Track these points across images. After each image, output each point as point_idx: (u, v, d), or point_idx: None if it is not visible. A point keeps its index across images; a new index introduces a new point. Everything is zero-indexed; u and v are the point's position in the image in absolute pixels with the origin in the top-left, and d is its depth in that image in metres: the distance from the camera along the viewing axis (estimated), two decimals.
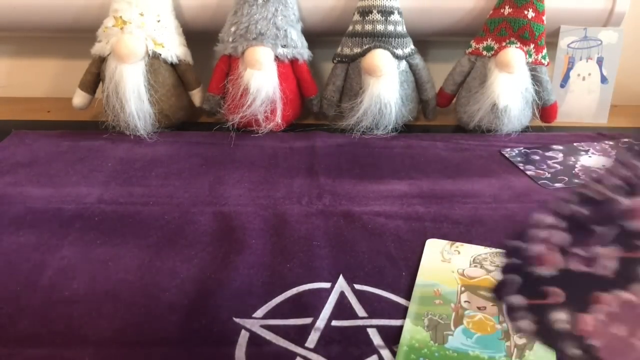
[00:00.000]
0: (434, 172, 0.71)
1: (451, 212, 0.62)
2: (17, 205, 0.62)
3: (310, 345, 0.43)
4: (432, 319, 0.46)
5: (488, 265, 0.52)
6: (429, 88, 0.87)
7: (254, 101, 0.78)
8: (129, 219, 0.59)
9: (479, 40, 0.84)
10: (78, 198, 0.63)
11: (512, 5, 0.81)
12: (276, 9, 0.80)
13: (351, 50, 0.83)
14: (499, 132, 0.83)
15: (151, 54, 0.79)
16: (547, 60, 0.83)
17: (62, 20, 0.88)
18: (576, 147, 0.80)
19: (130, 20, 0.78)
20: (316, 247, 0.55)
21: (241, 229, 0.58)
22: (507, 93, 0.79)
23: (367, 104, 0.79)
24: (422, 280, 0.50)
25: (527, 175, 0.71)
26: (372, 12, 0.81)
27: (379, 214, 0.61)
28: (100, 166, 0.71)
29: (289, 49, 0.81)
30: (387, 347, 0.43)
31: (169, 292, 0.49)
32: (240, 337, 0.44)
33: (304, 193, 0.65)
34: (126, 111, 0.76)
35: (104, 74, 0.79)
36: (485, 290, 0.49)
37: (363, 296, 0.48)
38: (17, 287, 0.49)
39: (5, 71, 1.02)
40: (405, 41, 0.83)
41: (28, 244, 0.55)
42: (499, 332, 0.44)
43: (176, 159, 0.74)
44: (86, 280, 0.50)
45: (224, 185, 0.67)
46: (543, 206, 0.30)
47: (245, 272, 0.51)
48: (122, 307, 0.47)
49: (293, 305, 0.47)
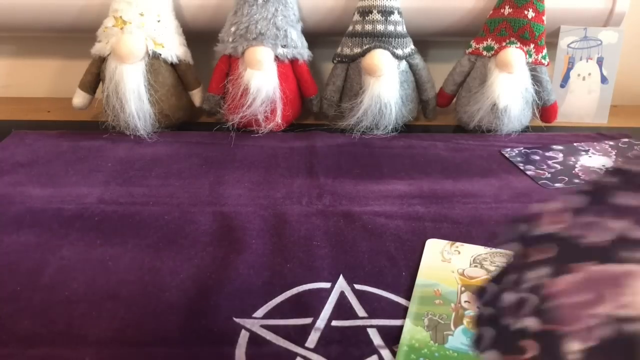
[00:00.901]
0: (434, 172, 0.71)
1: (451, 212, 0.62)
2: (17, 205, 0.62)
3: (310, 345, 0.43)
4: (432, 319, 0.46)
5: (488, 265, 0.52)
6: (429, 88, 0.87)
7: (254, 101, 0.78)
8: (129, 219, 0.59)
9: (479, 40, 0.84)
10: (78, 198, 0.63)
11: (512, 5, 0.81)
12: (276, 9, 0.80)
13: (351, 50, 0.83)
14: (499, 132, 0.83)
15: (151, 54, 0.79)
16: (547, 60, 0.83)
17: (62, 20, 0.87)
18: (576, 147, 0.80)
19: (130, 20, 0.78)
20: (316, 247, 0.55)
21: (241, 229, 0.58)
22: (507, 93, 0.79)
23: (367, 104, 0.79)
24: (422, 280, 0.50)
25: (527, 175, 0.71)
26: (372, 12, 0.81)
27: (379, 214, 0.61)
28: (100, 166, 0.71)
29: (289, 49, 0.81)
30: (387, 347, 0.43)
31: (169, 292, 0.49)
32: (240, 337, 0.44)
33: (304, 193, 0.65)
34: (126, 111, 0.76)
35: (104, 74, 0.79)
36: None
37: (363, 296, 0.48)
38: (17, 287, 0.49)
39: (5, 71, 1.02)
40: (405, 41, 0.83)
41: (28, 244, 0.55)
42: None
43: (176, 159, 0.74)
44: (86, 280, 0.50)
45: (224, 185, 0.67)
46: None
47: (245, 272, 0.51)
48: (122, 307, 0.47)
49: (293, 305, 0.47)
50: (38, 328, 0.44)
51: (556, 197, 0.29)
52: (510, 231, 0.30)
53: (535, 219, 0.29)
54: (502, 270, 0.31)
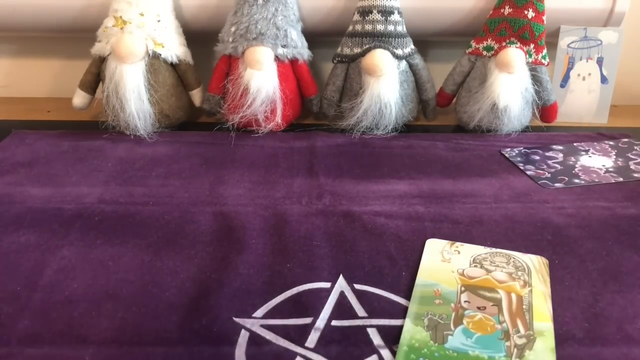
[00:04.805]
0: (434, 172, 0.71)
1: (451, 212, 0.62)
2: (17, 205, 0.62)
3: (310, 345, 0.43)
4: (432, 319, 0.46)
5: (488, 265, 0.52)
6: (429, 88, 0.87)
7: (254, 101, 0.78)
8: (129, 219, 0.59)
9: (479, 40, 0.84)
10: (78, 198, 0.63)
11: (512, 5, 0.81)
12: (276, 9, 0.80)
13: (351, 50, 0.83)
14: (499, 132, 0.83)
15: (151, 54, 0.79)
16: (547, 60, 0.83)
17: (62, 20, 0.88)
18: (576, 147, 0.80)
19: (130, 20, 0.79)
20: (316, 247, 0.55)
21: (241, 229, 0.58)
22: (507, 93, 0.79)
23: (367, 104, 0.79)
24: (422, 280, 0.50)
25: (527, 175, 0.71)
26: (372, 12, 0.81)
27: (379, 214, 0.61)
28: (100, 166, 0.71)
29: (289, 49, 0.81)
30: (387, 347, 0.43)
31: (169, 292, 0.49)
32: (240, 337, 0.44)
33: (304, 193, 0.65)
34: (126, 111, 0.76)
35: (104, 74, 0.79)
36: (485, 290, 0.49)
37: (363, 296, 0.49)
38: (17, 287, 0.49)
39: (5, 71, 1.02)
40: (405, 41, 0.83)
41: (28, 244, 0.55)
42: (498, 332, 0.44)
43: (176, 159, 0.74)
44: (86, 280, 0.50)
45: (224, 185, 0.67)
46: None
47: (245, 272, 0.51)
48: (122, 307, 0.47)
49: (293, 305, 0.47)
50: (38, 328, 0.44)
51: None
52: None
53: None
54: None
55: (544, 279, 0.51)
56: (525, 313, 0.46)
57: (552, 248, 0.56)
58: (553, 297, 0.49)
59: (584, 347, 0.43)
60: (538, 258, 0.54)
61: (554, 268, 0.53)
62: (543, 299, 0.48)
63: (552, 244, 0.56)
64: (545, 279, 0.51)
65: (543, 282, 0.50)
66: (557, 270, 0.52)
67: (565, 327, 0.45)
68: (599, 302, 0.48)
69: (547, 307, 0.47)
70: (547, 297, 0.48)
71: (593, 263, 0.53)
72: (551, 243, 0.56)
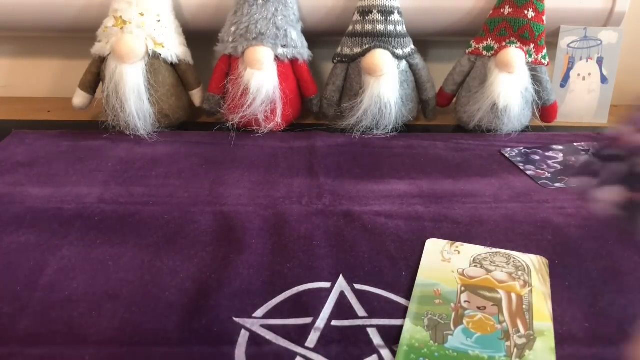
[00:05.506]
0: (434, 172, 0.71)
1: (451, 212, 0.62)
2: (17, 205, 0.62)
3: (310, 345, 0.43)
4: (432, 318, 0.46)
5: (488, 265, 0.52)
6: (429, 88, 0.87)
7: (254, 101, 0.78)
8: (129, 219, 0.59)
9: (479, 40, 0.84)
10: (78, 198, 0.63)
11: (512, 5, 0.81)
12: (276, 9, 0.80)
13: (351, 50, 0.83)
14: (499, 132, 0.83)
15: (151, 54, 0.79)
16: (547, 60, 0.83)
17: (62, 20, 0.87)
18: (576, 147, 0.80)
19: (130, 20, 0.78)
20: (316, 247, 0.55)
21: (241, 229, 0.58)
22: (507, 93, 0.79)
23: (367, 103, 0.79)
24: (422, 280, 0.50)
25: (527, 175, 0.71)
26: (372, 12, 0.81)
27: (379, 214, 0.61)
28: (100, 166, 0.71)
29: (289, 49, 0.81)
30: (387, 346, 0.43)
31: (169, 292, 0.49)
32: (240, 337, 0.44)
33: (304, 193, 0.65)
34: (126, 111, 0.76)
35: (104, 74, 0.79)
36: (485, 290, 0.49)
37: (363, 296, 0.49)
38: (17, 287, 0.49)
39: (5, 71, 1.02)
40: (405, 41, 0.83)
41: (28, 244, 0.55)
42: (498, 332, 0.44)
43: (176, 159, 0.74)
44: (86, 280, 0.50)
45: (224, 185, 0.67)
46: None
47: (245, 272, 0.51)
48: (122, 307, 0.47)
49: (293, 305, 0.47)
50: (38, 328, 0.44)
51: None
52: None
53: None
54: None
55: (544, 279, 0.51)
56: (525, 313, 0.46)
57: (552, 248, 0.56)
58: (553, 297, 0.49)
59: (584, 347, 0.43)
60: (538, 258, 0.54)
61: (554, 268, 0.53)
62: (543, 299, 0.48)
63: (552, 244, 0.56)
64: (545, 279, 0.51)
65: (543, 282, 0.50)
66: (557, 270, 0.52)
67: (565, 327, 0.45)
68: (599, 302, 0.48)
69: (547, 307, 0.47)
70: (547, 297, 0.48)
71: (593, 263, 0.53)
72: (551, 243, 0.56)
